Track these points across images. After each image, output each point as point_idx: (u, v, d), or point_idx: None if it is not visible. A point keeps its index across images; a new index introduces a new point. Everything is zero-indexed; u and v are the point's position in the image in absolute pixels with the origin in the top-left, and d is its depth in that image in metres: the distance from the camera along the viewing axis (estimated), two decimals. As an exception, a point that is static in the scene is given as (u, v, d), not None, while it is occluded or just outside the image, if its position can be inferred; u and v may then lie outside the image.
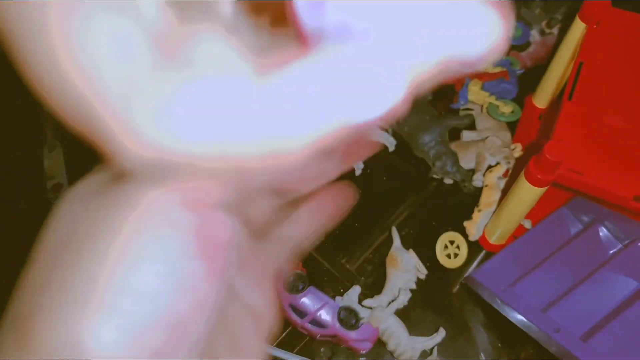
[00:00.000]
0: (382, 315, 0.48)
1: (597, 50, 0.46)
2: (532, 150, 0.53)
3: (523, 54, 0.62)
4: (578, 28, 0.49)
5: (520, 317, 0.43)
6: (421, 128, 0.56)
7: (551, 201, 0.50)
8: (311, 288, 0.46)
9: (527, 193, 0.43)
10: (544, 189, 0.42)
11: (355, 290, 0.50)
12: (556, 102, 0.56)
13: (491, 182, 0.54)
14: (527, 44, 0.64)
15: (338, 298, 0.49)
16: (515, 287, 0.45)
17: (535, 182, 0.41)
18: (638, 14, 0.48)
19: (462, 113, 0.59)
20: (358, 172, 0.58)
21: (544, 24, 0.64)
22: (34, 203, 0.56)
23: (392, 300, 0.50)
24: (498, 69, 0.60)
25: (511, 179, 0.53)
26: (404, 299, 0.50)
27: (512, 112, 0.57)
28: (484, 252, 0.53)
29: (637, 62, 0.45)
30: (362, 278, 0.53)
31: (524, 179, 0.42)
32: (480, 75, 0.59)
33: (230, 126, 0.11)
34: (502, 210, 0.48)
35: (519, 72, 0.61)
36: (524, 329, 0.43)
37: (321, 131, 0.11)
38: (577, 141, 0.41)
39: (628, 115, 0.43)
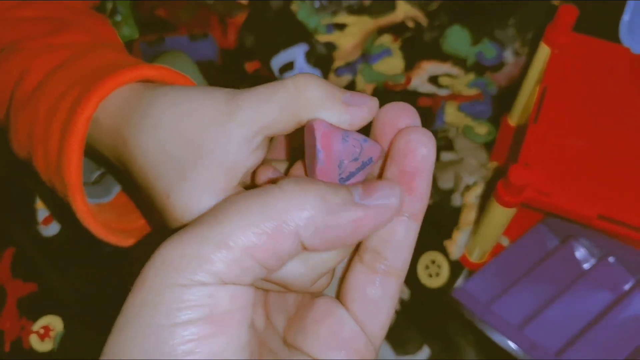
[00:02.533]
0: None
1: (560, 75, 0.48)
2: (503, 171, 0.54)
3: (497, 74, 0.64)
4: (543, 52, 0.50)
5: (498, 334, 0.44)
6: (400, 151, 0.57)
7: (530, 217, 0.52)
8: None
9: (499, 214, 0.44)
10: (513, 210, 0.43)
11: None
12: (525, 123, 0.57)
13: (469, 202, 0.55)
14: (501, 65, 0.66)
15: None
16: (493, 305, 0.47)
17: (504, 204, 0.42)
18: (598, 39, 0.50)
19: (440, 135, 0.60)
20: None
21: (517, 44, 0.66)
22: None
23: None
24: (473, 91, 0.62)
25: (486, 198, 0.55)
26: (387, 319, 0.51)
27: (488, 132, 0.59)
28: (465, 270, 0.55)
29: (598, 86, 0.47)
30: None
31: (494, 200, 0.43)
32: (456, 97, 0.61)
33: None
34: (479, 230, 0.49)
35: (493, 93, 0.63)
36: (503, 346, 0.45)
37: None
38: (542, 163, 0.43)
39: (591, 136, 0.44)
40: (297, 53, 0.57)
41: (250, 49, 0.64)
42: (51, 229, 0.56)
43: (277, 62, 0.59)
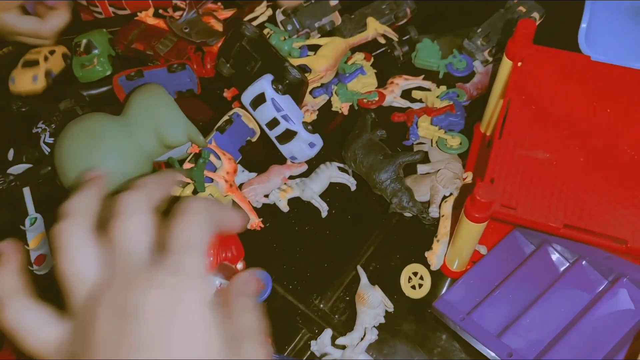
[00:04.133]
0: (352, 354, 0.51)
1: (523, 87, 0.49)
2: (472, 186, 0.56)
3: (468, 85, 0.66)
4: (506, 65, 0.52)
5: (478, 343, 0.46)
6: (376, 167, 0.59)
7: (504, 224, 0.53)
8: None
9: (470, 228, 0.46)
10: (483, 224, 0.45)
11: (327, 333, 0.53)
12: (492, 137, 0.59)
13: (446, 213, 0.57)
14: (472, 75, 0.67)
15: (312, 342, 0.52)
16: (473, 314, 0.48)
17: (473, 220, 0.44)
18: (558, 49, 0.51)
19: (415, 149, 0.62)
20: (324, 214, 0.61)
21: (486, 53, 0.68)
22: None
23: (363, 337, 0.53)
24: (445, 103, 0.64)
25: (460, 208, 0.56)
26: (372, 336, 0.52)
27: (460, 144, 0.61)
28: (448, 279, 0.56)
29: (560, 96, 0.49)
30: (336, 316, 0.56)
31: (464, 216, 0.45)
32: (428, 111, 0.63)
33: None
34: (455, 241, 0.51)
35: (465, 103, 0.65)
36: (484, 354, 0.46)
37: None
38: (507, 178, 0.45)
39: (554, 148, 0.46)
40: (264, 85, 0.58)
41: (227, 75, 0.66)
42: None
43: (247, 97, 0.60)
